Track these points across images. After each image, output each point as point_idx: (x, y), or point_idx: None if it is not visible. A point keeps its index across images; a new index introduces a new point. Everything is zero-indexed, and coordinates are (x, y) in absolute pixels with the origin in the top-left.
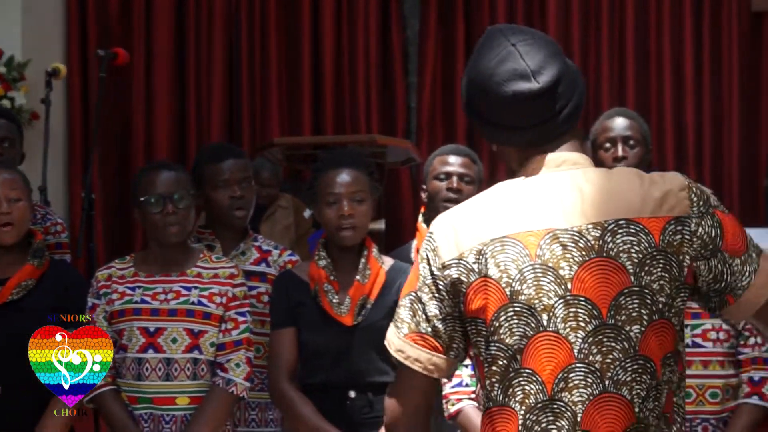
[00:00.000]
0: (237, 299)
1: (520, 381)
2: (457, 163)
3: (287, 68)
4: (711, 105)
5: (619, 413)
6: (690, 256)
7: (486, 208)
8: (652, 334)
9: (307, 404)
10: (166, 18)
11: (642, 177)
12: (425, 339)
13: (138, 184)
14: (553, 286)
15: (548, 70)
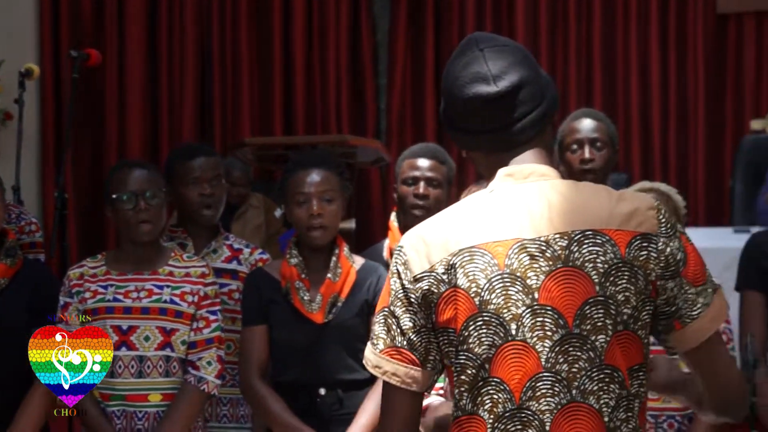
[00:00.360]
0: (208, 298)
1: (488, 390)
2: (425, 167)
3: (258, 69)
4: (677, 107)
5: (587, 423)
6: (655, 273)
7: (455, 221)
8: (616, 345)
9: (278, 401)
10: (139, 19)
11: (611, 192)
12: (401, 353)
13: (110, 182)
14: (521, 295)
15: (509, 76)
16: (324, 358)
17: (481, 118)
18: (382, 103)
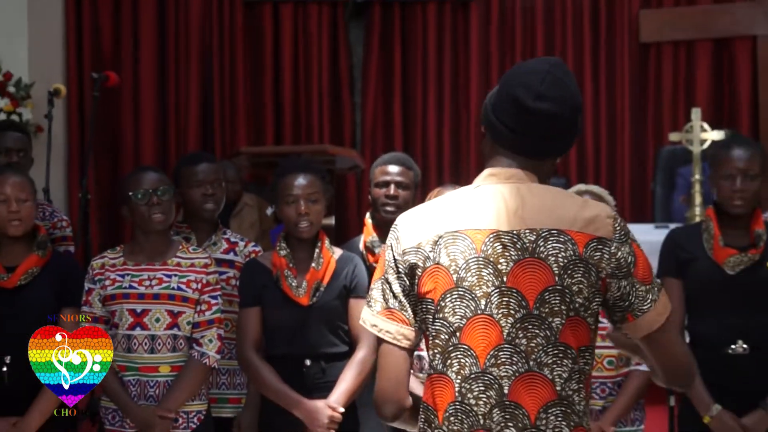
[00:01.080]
0: (210, 285)
1: (457, 354)
2: (394, 172)
3: (252, 88)
4: (607, 121)
5: (541, 390)
6: (606, 272)
7: (443, 208)
8: (569, 327)
9: (270, 371)
10: (150, 45)
11: (577, 199)
12: (393, 313)
13: (126, 183)
14: (492, 277)
15: (549, 105)
16: (309, 335)
17: (506, 115)
18: (358, 118)
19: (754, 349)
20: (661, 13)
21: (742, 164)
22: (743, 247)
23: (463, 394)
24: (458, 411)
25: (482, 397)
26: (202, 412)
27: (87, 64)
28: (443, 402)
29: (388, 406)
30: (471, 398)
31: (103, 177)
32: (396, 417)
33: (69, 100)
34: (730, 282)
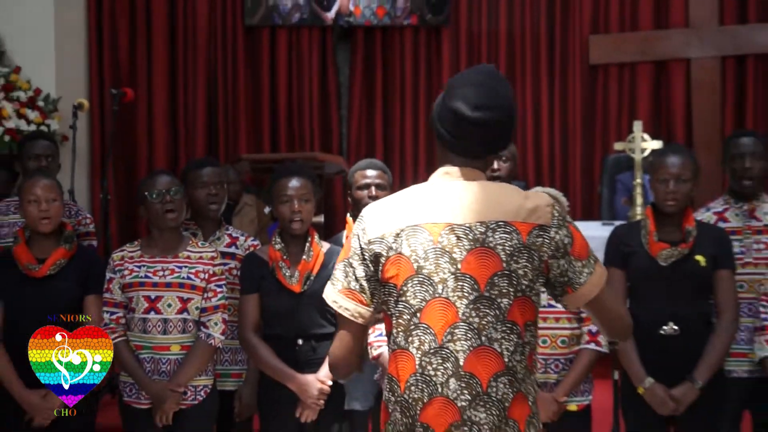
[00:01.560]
0: (216, 275)
1: (418, 333)
2: (373, 176)
3: (252, 102)
4: (560, 132)
5: (491, 361)
6: (547, 255)
7: (404, 203)
8: (516, 306)
9: (267, 349)
10: (162, 64)
11: (520, 192)
12: (353, 293)
13: (143, 186)
14: (448, 265)
15: (488, 112)
16: (301, 318)
17: (450, 126)
18: (344, 129)
19: (682, 331)
20: (608, 38)
21: (675, 170)
22: (675, 242)
23: (423, 367)
24: (419, 381)
25: (440, 368)
26: (208, 386)
27: (107, 81)
28: (405, 373)
29: (341, 369)
30: (430, 370)
31: (121, 180)
32: (347, 377)
33: (91, 112)
34: (663, 272)
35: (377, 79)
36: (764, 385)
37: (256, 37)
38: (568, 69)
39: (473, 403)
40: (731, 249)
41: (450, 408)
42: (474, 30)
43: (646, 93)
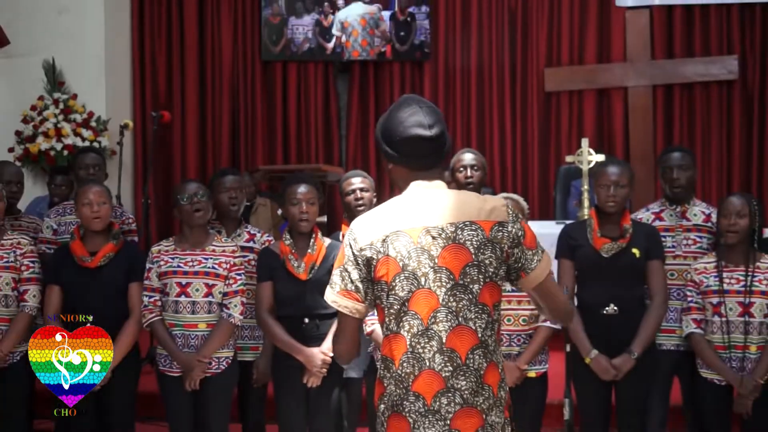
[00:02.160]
0: (236, 265)
1: (407, 318)
2: (357, 182)
3: (267, 122)
4: (521, 148)
5: (468, 337)
6: (507, 245)
7: (386, 213)
8: (486, 290)
9: (279, 327)
10: (193, 91)
11: (479, 197)
12: (350, 293)
13: (176, 191)
14: (427, 260)
15: (437, 127)
16: (307, 301)
17: (415, 149)
18: (343, 145)
19: (621, 311)
20: (560, 70)
21: (614, 177)
22: (615, 237)
23: (413, 346)
24: (410, 358)
25: (427, 346)
26: (229, 358)
27: (148, 105)
28: (398, 353)
29: (344, 357)
30: (419, 348)
31: (159, 187)
32: (349, 362)
33: (135, 131)
34: (605, 262)
35: (370, 105)
36: (689, 356)
37: (270, 69)
38: (527, 96)
39: (455, 373)
40: (661, 243)
41: (436, 378)
42: (450, 64)
43: (591, 115)
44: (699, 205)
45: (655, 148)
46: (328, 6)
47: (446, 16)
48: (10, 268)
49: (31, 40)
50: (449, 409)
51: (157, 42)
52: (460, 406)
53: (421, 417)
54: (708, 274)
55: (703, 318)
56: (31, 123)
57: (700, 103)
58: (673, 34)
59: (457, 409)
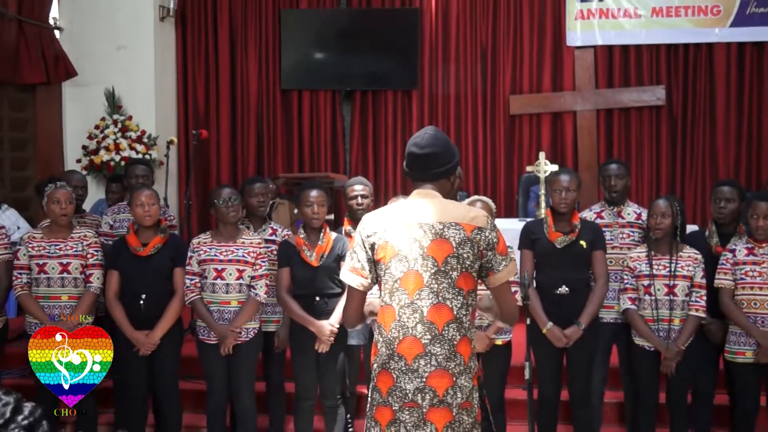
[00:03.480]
0: (261, 254)
1: (398, 293)
2: (359, 189)
3: (286, 138)
4: (491, 159)
5: (445, 313)
6: (482, 246)
7: (390, 211)
8: (462, 278)
9: (295, 304)
10: (226, 112)
11: (466, 206)
12: (357, 271)
13: (213, 195)
14: (418, 249)
15: (429, 149)
16: (317, 283)
17: (409, 162)
18: (347, 157)
19: (571, 291)
20: (521, 97)
21: (565, 184)
22: (566, 232)
23: (400, 316)
24: (397, 326)
25: (411, 317)
26: (255, 329)
27: (189, 125)
28: (389, 321)
29: (351, 322)
30: (405, 318)
31: (199, 191)
32: (355, 327)
33: (179, 146)
34: (558, 252)
35: (369, 125)
36: (625, 327)
37: (289, 96)
38: (495, 118)
39: (432, 341)
40: (603, 236)
41: (417, 343)
42: (434, 93)
43: (547, 133)
44: (632, 206)
45: (597, 160)
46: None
47: (430, 53)
48: (78, 256)
49: (95, 72)
50: (426, 369)
51: (197, 74)
52: (435, 368)
53: (403, 374)
54: (640, 262)
55: (636, 297)
56: (95, 139)
57: (634, 124)
58: (613, 68)
59: (432, 370)
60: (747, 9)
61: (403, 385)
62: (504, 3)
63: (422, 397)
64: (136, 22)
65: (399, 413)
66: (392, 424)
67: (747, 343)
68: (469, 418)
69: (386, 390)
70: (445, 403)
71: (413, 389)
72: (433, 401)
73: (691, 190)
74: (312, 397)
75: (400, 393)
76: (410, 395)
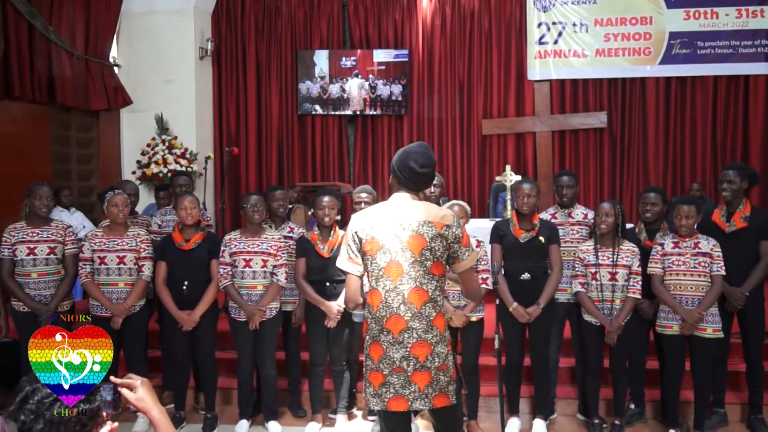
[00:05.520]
0: (282, 248)
1: (383, 280)
2: (364, 197)
3: (301, 154)
4: (467, 171)
5: (422, 295)
6: (450, 240)
7: (375, 211)
8: (434, 266)
9: (310, 288)
10: (253, 133)
11: (438, 207)
12: (352, 260)
13: (242, 200)
14: (398, 243)
15: (427, 168)
16: (328, 271)
17: (409, 176)
18: (352, 169)
19: (532, 277)
20: (492, 121)
21: (527, 191)
22: (528, 229)
23: (386, 298)
24: (383, 306)
25: (395, 299)
26: (277, 308)
27: (224, 142)
28: (377, 302)
29: (350, 304)
30: (390, 300)
31: (231, 197)
32: (355, 309)
33: (215, 160)
34: (522, 246)
35: (369, 143)
36: (576, 306)
37: (304, 119)
38: (471, 137)
39: (413, 318)
40: (558, 233)
41: (400, 320)
42: (421, 117)
43: (512, 150)
44: (580, 209)
45: (553, 172)
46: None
47: (418, 85)
48: (133, 250)
49: (147, 101)
50: (409, 341)
51: (229, 102)
52: (416, 340)
53: (390, 345)
54: (589, 253)
55: (585, 282)
56: (147, 155)
57: (582, 142)
58: (565, 98)
59: (414, 341)
60: (672, 50)
61: (392, 354)
62: (477, 45)
63: (407, 363)
64: (180, 61)
65: (389, 377)
66: (383, 385)
67: (674, 319)
68: (445, 377)
69: (377, 358)
70: (426, 367)
71: (399, 357)
72: (416, 366)
73: (628, 196)
74: (323, 363)
75: (389, 361)
76: (397, 362)
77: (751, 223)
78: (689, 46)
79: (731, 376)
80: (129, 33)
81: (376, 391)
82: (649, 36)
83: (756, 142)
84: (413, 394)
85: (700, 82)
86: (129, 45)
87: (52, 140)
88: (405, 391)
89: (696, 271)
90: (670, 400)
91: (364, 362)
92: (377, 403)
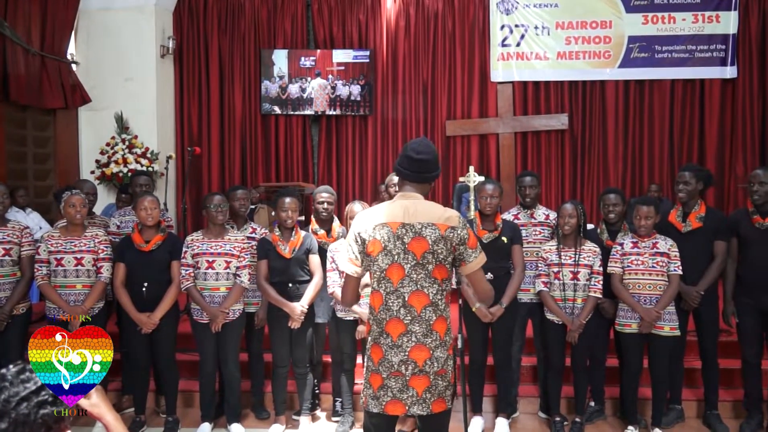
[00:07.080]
0: (244, 249)
1: (384, 282)
2: (325, 197)
3: (264, 153)
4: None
5: (423, 298)
6: (455, 242)
7: (378, 211)
8: (436, 270)
9: (272, 290)
10: (216, 132)
11: (443, 208)
12: (352, 261)
13: (205, 201)
14: (400, 245)
15: (423, 155)
16: (290, 271)
17: (406, 164)
18: (315, 169)
19: (495, 277)
20: (456, 122)
21: (490, 192)
22: (491, 230)
23: (386, 301)
24: (384, 308)
25: (395, 302)
26: (240, 309)
27: (185, 141)
28: (377, 304)
29: (348, 303)
30: (390, 302)
31: (193, 197)
32: (351, 306)
33: (176, 160)
34: (485, 246)
35: (333, 143)
36: (539, 306)
37: (267, 119)
38: (435, 138)
39: (413, 321)
40: (520, 234)
41: (399, 324)
42: (386, 117)
43: (475, 151)
44: (542, 209)
45: (515, 172)
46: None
47: (382, 86)
48: (91, 251)
49: (106, 99)
50: (408, 345)
51: (191, 101)
52: (415, 343)
53: (390, 348)
54: (552, 253)
55: (548, 281)
56: (106, 154)
57: (544, 143)
58: (527, 99)
59: (413, 345)
60: (631, 54)
61: (390, 358)
62: (441, 47)
63: (405, 367)
64: (140, 58)
65: (387, 380)
66: (381, 388)
67: (633, 318)
68: (443, 381)
69: (377, 360)
70: (424, 372)
71: (398, 361)
72: (414, 371)
73: (588, 196)
74: (286, 365)
75: (388, 364)
76: (396, 366)
77: (706, 223)
78: (647, 50)
79: (687, 373)
80: (88, 30)
81: (375, 393)
82: (609, 40)
83: (711, 144)
84: (411, 399)
85: (657, 85)
86: (88, 42)
87: (6, 139)
88: (403, 395)
89: (654, 270)
90: (629, 397)
91: (365, 363)
92: (375, 405)
